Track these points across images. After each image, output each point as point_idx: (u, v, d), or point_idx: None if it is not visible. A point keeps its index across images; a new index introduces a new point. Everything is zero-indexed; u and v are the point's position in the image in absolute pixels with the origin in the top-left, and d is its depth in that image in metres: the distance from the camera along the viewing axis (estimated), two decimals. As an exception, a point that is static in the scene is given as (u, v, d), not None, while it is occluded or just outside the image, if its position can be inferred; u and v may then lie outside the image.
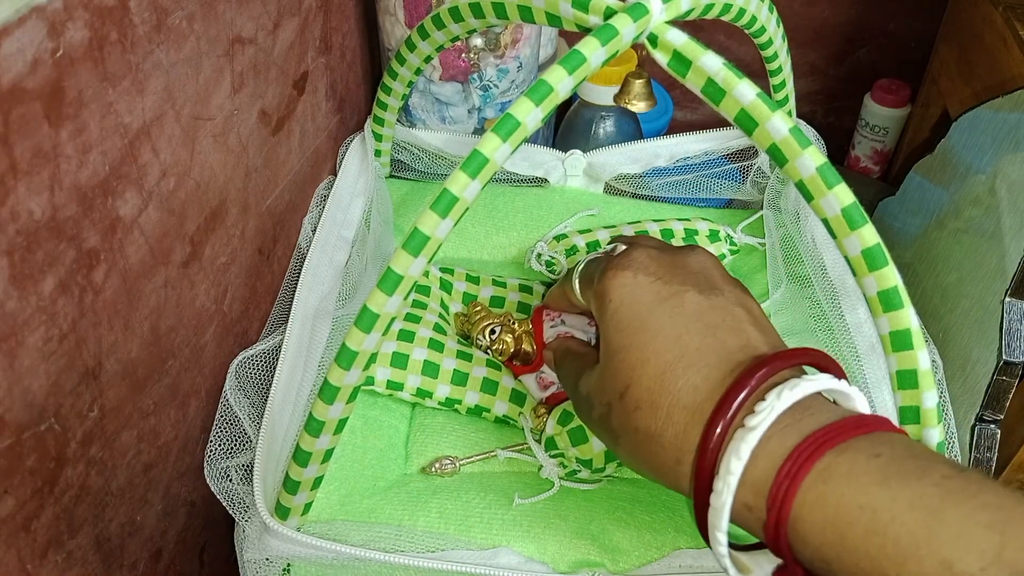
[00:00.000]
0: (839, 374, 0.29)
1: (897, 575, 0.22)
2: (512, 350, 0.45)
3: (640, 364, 0.29)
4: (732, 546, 0.28)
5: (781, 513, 0.25)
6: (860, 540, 0.23)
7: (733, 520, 0.26)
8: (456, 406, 0.44)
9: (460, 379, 0.44)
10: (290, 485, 0.34)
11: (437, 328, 0.46)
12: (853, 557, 0.23)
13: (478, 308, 0.47)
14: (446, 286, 0.50)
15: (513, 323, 0.46)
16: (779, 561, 0.27)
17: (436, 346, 0.44)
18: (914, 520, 0.23)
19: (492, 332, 0.45)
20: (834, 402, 0.28)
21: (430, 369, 0.44)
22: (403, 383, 0.43)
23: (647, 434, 0.28)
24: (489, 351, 0.46)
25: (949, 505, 0.23)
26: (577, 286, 0.37)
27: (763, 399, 0.26)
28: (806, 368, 0.30)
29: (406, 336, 0.44)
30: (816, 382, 0.27)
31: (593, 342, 0.42)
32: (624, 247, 0.35)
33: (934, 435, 0.31)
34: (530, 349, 0.45)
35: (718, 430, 0.26)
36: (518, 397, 0.44)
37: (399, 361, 0.43)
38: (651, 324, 0.30)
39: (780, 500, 0.25)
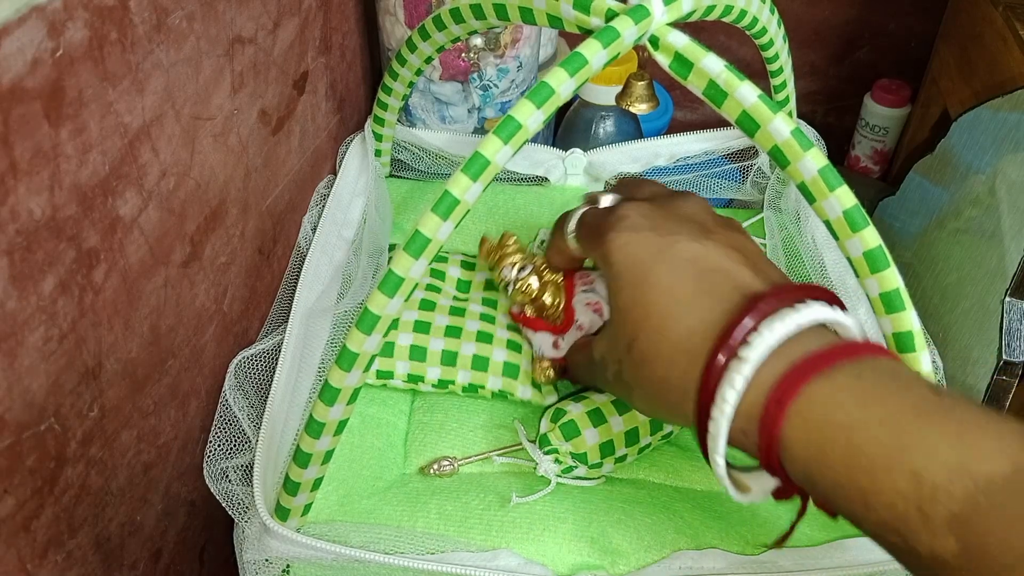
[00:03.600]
0: (837, 305, 0.29)
1: (871, 486, 0.24)
2: (532, 296, 0.43)
3: (643, 318, 0.31)
4: (733, 467, 0.30)
5: (771, 436, 0.26)
6: (839, 456, 0.25)
7: (732, 444, 0.28)
8: (450, 386, 0.44)
9: (449, 359, 0.43)
10: (290, 486, 0.34)
11: (423, 305, 0.45)
12: (833, 472, 0.25)
13: (512, 241, 0.44)
14: (438, 274, 0.50)
15: (544, 270, 0.43)
16: (776, 480, 0.29)
17: (422, 328, 0.44)
18: (886, 435, 0.24)
19: (521, 270, 0.43)
20: (835, 333, 0.29)
21: (417, 353, 0.43)
22: (392, 371, 0.43)
23: (655, 381, 0.31)
24: (508, 288, 0.43)
25: (922, 422, 0.24)
26: (573, 242, 0.38)
27: (766, 325, 0.27)
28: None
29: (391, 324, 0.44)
30: (805, 314, 0.28)
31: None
32: (611, 197, 0.36)
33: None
34: (550, 302, 0.43)
35: (716, 364, 0.28)
36: (511, 370, 0.43)
37: (386, 350, 0.43)
38: (650, 279, 0.31)
39: (770, 424, 0.26)
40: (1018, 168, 0.51)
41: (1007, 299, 0.48)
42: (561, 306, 0.43)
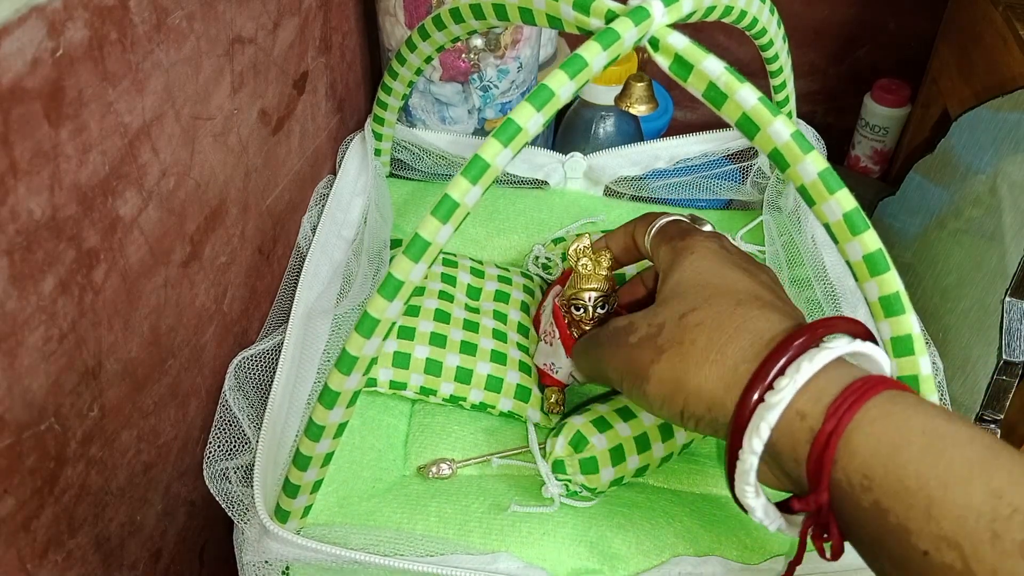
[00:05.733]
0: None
1: (941, 496, 0.23)
2: (591, 321, 0.42)
3: (714, 295, 0.32)
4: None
5: (841, 421, 0.26)
6: (914, 458, 0.24)
7: (779, 426, 0.27)
8: (460, 403, 0.44)
9: (464, 376, 0.43)
10: (290, 489, 0.34)
11: (439, 316, 0.45)
12: (901, 473, 0.24)
13: (608, 262, 0.42)
14: (449, 279, 0.49)
15: (616, 306, 0.43)
16: (781, 522, 0.29)
17: (438, 341, 0.44)
18: (973, 451, 0.24)
19: (601, 303, 0.41)
20: None
21: (433, 367, 0.43)
22: (406, 382, 0.43)
23: (704, 347, 0.30)
24: (585, 313, 0.41)
25: (1006, 450, 0.24)
26: (649, 239, 0.39)
27: (836, 337, 0.28)
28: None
29: (406, 334, 0.44)
30: (881, 350, 0.29)
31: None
32: (709, 225, 0.40)
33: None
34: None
35: (795, 342, 0.28)
36: (523, 393, 0.44)
37: (401, 361, 0.43)
38: (728, 275, 0.33)
39: (844, 408, 0.26)
40: (1019, 168, 0.51)
41: (1007, 299, 0.48)
42: None
